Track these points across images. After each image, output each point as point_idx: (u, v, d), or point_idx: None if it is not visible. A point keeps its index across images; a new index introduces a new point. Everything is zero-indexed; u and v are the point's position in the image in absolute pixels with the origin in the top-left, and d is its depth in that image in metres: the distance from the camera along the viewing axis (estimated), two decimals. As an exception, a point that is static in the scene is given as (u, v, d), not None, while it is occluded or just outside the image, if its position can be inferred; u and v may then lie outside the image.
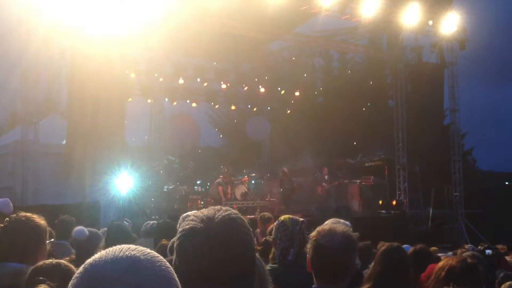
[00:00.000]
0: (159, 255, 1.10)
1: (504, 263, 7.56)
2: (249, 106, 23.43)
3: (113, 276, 1.01)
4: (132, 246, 1.08)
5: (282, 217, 3.65)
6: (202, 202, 16.27)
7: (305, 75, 21.94)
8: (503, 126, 49.34)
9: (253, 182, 18.59)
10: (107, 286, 1.00)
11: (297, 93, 22.23)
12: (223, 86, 21.01)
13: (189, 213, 3.44)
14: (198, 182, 19.12)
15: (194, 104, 21.66)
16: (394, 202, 17.82)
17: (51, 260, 2.27)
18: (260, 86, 21.76)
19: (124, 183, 13.18)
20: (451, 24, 17.13)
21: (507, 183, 28.11)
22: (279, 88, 22.12)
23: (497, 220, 18.06)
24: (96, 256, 1.07)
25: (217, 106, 24.24)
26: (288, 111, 22.82)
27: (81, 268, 1.06)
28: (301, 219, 3.62)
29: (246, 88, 21.72)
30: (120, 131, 14.05)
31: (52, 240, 2.93)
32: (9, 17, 14.49)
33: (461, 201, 18.61)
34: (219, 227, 1.44)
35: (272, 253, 3.72)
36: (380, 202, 17.93)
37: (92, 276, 1.03)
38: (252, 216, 13.20)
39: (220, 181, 16.36)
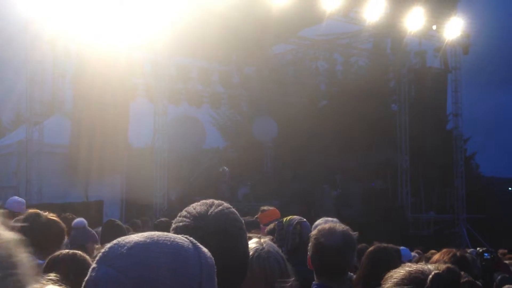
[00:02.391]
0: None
1: (504, 266, 7.59)
2: (252, 109, 23.48)
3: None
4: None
5: (285, 218, 3.76)
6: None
7: (308, 78, 21.97)
8: (507, 131, 49.19)
9: (255, 184, 18.61)
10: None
11: (300, 96, 22.26)
12: (226, 88, 21.06)
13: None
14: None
15: (197, 106, 21.70)
16: (396, 206, 17.83)
17: (67, 251, 2.35)
18: (263, 89, 21.81)
19: (127, 183, 13.25)
20: (455, 29, 17.18)
21: (510, 188, 28.02)
22: (282, 91, 22.15)
23: (499, 225, 18.05)
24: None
25: (220, 109, 24.30)
26: (291, 114, 22.83)
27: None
28: (298, 220, 3.70)
29: (249, 90, 21.77)
30: (124, 132, 14.13)
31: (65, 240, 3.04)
32: (15, 19, 14.63)
33: (463, 205, 18.60)
34: (212, 225, 1.46)
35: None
36: (382, 205, 17.93)
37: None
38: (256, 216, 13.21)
39: (223, 182, 16.41)
